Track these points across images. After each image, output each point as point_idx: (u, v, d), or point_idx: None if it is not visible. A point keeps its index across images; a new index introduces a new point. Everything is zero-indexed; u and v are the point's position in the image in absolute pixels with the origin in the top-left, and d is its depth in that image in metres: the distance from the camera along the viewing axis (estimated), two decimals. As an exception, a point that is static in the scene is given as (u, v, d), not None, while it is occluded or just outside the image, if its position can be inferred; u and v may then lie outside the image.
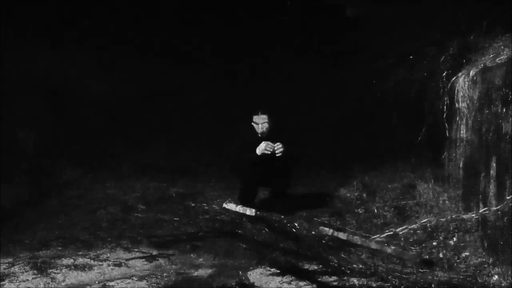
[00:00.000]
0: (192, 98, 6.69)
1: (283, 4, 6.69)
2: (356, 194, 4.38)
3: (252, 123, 4.11)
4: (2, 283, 2.75)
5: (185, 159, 6.00)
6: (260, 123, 4.06)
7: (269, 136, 4.04)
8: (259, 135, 4.06)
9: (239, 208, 3.91)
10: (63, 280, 2.80)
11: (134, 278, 2.80)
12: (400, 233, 3.37)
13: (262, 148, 3.92)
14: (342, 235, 3.31)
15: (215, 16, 6.76)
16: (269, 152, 3.90)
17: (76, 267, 2.98)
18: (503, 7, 3.58)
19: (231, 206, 3.96)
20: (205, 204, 4.46)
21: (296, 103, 6.31)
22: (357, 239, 3.25)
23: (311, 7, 6.60)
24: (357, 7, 5.85)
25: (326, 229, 3.42)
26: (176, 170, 5.66)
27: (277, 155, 3.91)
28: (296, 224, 3.47)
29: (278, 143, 3.93)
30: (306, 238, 3.44)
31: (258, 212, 3.86)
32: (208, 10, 6.74)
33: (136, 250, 3.35)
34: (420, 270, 2.89)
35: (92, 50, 6.11)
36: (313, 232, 3.40)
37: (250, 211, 3.88)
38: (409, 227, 3.39)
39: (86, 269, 2.96)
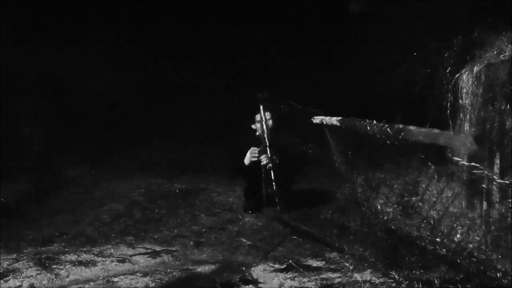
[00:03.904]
0: (194, 96, 6.68)
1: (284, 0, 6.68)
2: (359, 190, 4.37)
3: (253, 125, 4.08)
4: (6, 279, 2.76)
5: (188, 155, 6.00)
6: (265, 120, 4.01)
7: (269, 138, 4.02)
8: (261, 136, 4.04)
9: (327, 119, 3.93)
10: (67, 276, 2.81)
11: (138, 274, 2.81)
12: None
13: (248, 157, 3.93)
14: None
15: (216, 14, 6.75)
16: (256, 159, 3.90)
17: (80, 263, 2.99)
18: (507, 2, 3.56)
19: (318, 119, 3.98)
20: (208, 201, 4.46)
21: (297, 101, 6.28)
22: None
23: (313, 3, 6.58)
24: (360, 3, 5.83)
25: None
26: (179, 166, 5.66)
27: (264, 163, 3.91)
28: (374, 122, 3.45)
29: (264, 156, 3.91)
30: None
31: (341, 121, 3.86)
32: (208, 9, 6.73)
33: (140, 246, 3.36)
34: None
35: (95, 48, 6.11)
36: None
37: (336, 121, 3.89)
38: None
39: (90, 265, 2.97)
